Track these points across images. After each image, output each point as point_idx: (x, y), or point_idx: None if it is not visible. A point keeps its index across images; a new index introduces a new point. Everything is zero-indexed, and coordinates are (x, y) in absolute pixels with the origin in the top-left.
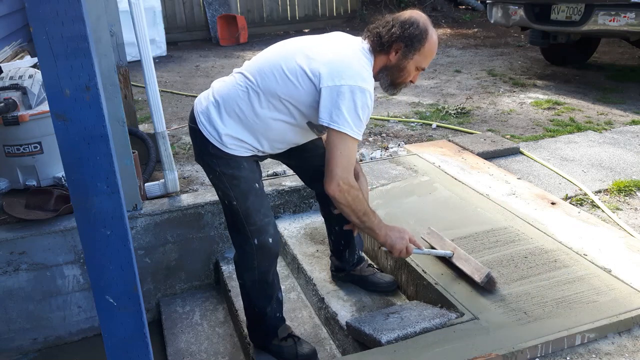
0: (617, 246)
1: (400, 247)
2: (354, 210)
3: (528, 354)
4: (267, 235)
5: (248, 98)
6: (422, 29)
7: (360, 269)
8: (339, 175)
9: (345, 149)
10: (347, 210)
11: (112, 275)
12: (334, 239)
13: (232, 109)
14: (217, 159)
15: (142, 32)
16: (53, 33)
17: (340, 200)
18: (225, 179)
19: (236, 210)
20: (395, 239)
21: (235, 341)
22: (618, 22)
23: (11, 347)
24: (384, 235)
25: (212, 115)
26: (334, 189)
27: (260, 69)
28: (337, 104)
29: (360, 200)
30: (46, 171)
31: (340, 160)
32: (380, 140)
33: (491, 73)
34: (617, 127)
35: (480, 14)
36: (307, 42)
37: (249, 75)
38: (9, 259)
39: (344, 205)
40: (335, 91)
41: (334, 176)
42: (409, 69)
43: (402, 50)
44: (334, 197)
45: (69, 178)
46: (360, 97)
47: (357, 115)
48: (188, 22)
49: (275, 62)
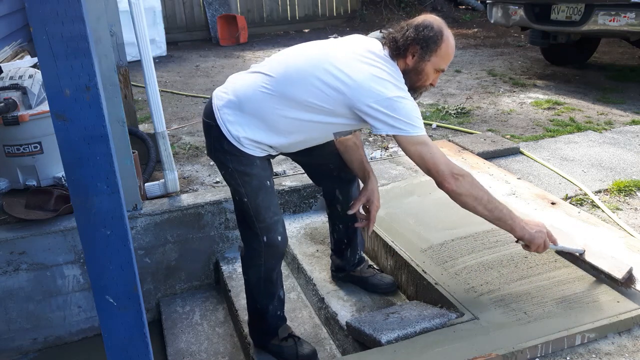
0: (617, 246)
1: (539, 242)
2: (476, 197)
3: (528, 354)
4: (276, 233)
5: (272, 101)
6: (437, 30)
7: (361, 270)
8: (446, 170)
9: (429, 148)
10: (470, 200)
11: (112, 275)
12: (336, 238)
13: (255, 110)
14: (230, 155)
15: (142, 32)
16: (53, 33)
17: (462, 191)
18: (237, 175)
19: (247, 207)
20: (535, 234)
21: (235, 341)
22: (618, 22)
23: (11, 347)
24: (521, 228)
25: (232, 114)
26: (451, 182)
27: (287, 75)
28: (390, 114)
29: (479, 186)
30: (46, 171)
31: (436, 159)
32: (381, 140)
33: (491, 73)
34: (617, 127)
35: (480, 14)
36: (335, 51)
37: (275, 79)
38: (9, 259)
39: (466, 196)
40: (383, 104)
41: (442, 173)
42: (428, 72)
43: (418, 53)
44: (455, 191)
45: (69, 178)
46: (405, 102)
47: (414, 116)
48: (188, 22)
49: (304, 72)
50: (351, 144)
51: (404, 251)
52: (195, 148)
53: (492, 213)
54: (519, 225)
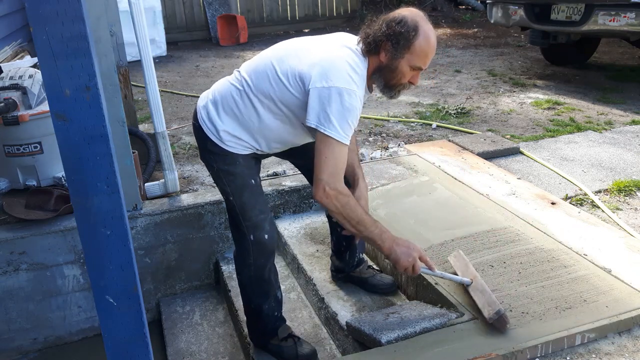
0: (617, 246)
1: (406, 264)
2: (345, 217)
3: (528, 354)
4: (262, 231)
5: (242, 97)
6: (411, 25)
7: (360, 271)
8: (324, 180)
9: (331, 153)
10: (338, 217)
11: (112, 275)
12: (335, 240)
13: (229, 107)
14: (214, 155)
15: (142, 32)
16: (53, 33)
17: (329, 207)
18: (222, 174)
19: (232, 206)
20: (401, 254)
21: (235, 341)
22: (618, 22)
23: (11, 347)
24: (389, 247)
25: (210, 112)
26: (320, 195)
27: (255, 70)
28: (324, 106)
29: (352, 207)
30: (46, 171)
31: (326, 166)
32: (380, 140)
33: (491, 73)
34: (617, 127)
35: (480, 14)
36: (303, 44)
37: (245, 75)
38: (9, 259)
39: (334, 213)
40: (323, 93)
41: (319, 182)
42: (402, 69)
43: (390, 50)
44: (321, 203)
45: (69, 178)
46: (347, 99)
47: (344, 119)
48: (188, 22)
49: (269, 63)
50: None
51: None
52: (195, 148)
53: (361, 233)
54: (387, 245)
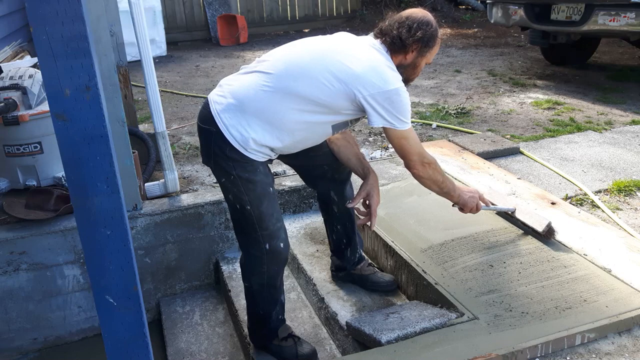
0: (617, 246)
1: (471, 205)
2: (435, 181)
3: (528, 354)
4: (278, 240)
5: (274, 99)
6: (435, 27)
7: (361, 268)
8: (418, 159)
9: (411, 139)
10: (429, 182)
11: (112, 275)
12: (335, 238)
13: (258, 110)
14: (233, 162)
15: (142, 32)
16: (53, 33)
17: (425, 176)
18: (240, 182)
19: (249, 215)
20: (468, 198)
21: (235, 341)
22: (618, 22)
23: (11, 347)
24: (458, 195)
25: (234, 117)
26: (419, 169)
27: (289, 71)
28: (388, 108)
29: (439, 171)
30: (46, 171)
31: (414, 148)
32: (381, 140)
33: (491, 73)
34: (617, 127)
35: (480, 14)
36: (335, 46)
37: (275, 76)
38: (9, 259)
39: (427, 179)
40: (383, 96)
41: (416, 161)
42: (421, 66)
43: (419, 49)
44: (421, 175)
45: (69, 178)
46: (403, 95)
47: (407, 111)
48: (188, 22)
49: (307, 65)
50: (344, 142)
51: (404, 251)
52: (195, 148)
53: (442, 190)
54: (457, 193)
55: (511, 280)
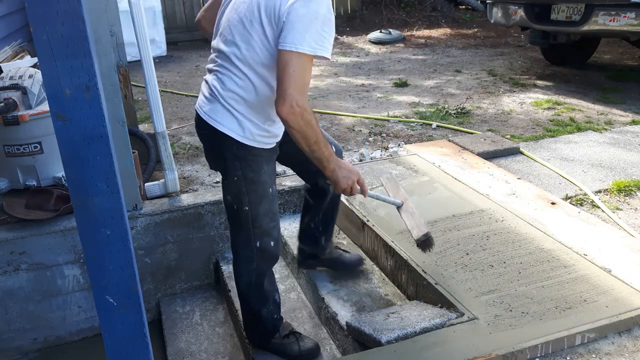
0: (617, 246)
1: (344, 186)
2: (305, 136)
3: (528, 354)
4: (270, 238)
5: (230, 75)
6: None
7: (330, 252)
8: (292, 95)
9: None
10: (297, 136)
11: (112, 275)
12: (313, 226)
13: (230, 97)
14: (240, 161)
15: (142, 32)
16: (53, 33)
17: (292, 124)
18: (245, 183)
19: (245, 215)
20: (342, 177)
21: (235, 341)
22: (618, 22)
23: (11, 347)
24: (332, 169)
25: (220, 110)
26: (287, 111)
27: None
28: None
29: (313, 127)
30: (46, 171)
31: (294, 80)
32: (380, 140)
33: (491, 73)
34: (617, 127)
35: (480, 14)
36: None
37: (224, 52)
38: (9, 259)
39: (295, 130)
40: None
41: (287, 97)
42: None
43: None
44: (286, 119)
45: (69, 178)
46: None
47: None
48: (188, 22)
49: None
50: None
51: (404, 251)
52: (196, 148)
53: (313, 153)
54: (332, 166)
55: (511, 280)
